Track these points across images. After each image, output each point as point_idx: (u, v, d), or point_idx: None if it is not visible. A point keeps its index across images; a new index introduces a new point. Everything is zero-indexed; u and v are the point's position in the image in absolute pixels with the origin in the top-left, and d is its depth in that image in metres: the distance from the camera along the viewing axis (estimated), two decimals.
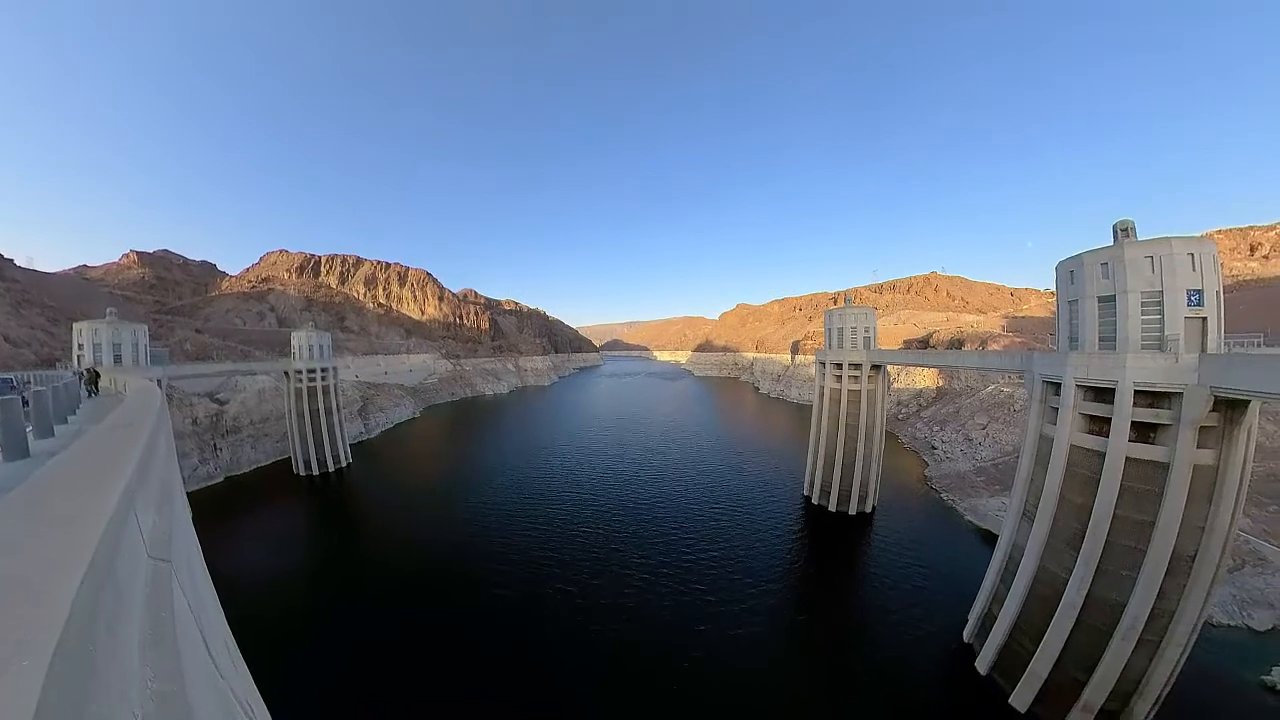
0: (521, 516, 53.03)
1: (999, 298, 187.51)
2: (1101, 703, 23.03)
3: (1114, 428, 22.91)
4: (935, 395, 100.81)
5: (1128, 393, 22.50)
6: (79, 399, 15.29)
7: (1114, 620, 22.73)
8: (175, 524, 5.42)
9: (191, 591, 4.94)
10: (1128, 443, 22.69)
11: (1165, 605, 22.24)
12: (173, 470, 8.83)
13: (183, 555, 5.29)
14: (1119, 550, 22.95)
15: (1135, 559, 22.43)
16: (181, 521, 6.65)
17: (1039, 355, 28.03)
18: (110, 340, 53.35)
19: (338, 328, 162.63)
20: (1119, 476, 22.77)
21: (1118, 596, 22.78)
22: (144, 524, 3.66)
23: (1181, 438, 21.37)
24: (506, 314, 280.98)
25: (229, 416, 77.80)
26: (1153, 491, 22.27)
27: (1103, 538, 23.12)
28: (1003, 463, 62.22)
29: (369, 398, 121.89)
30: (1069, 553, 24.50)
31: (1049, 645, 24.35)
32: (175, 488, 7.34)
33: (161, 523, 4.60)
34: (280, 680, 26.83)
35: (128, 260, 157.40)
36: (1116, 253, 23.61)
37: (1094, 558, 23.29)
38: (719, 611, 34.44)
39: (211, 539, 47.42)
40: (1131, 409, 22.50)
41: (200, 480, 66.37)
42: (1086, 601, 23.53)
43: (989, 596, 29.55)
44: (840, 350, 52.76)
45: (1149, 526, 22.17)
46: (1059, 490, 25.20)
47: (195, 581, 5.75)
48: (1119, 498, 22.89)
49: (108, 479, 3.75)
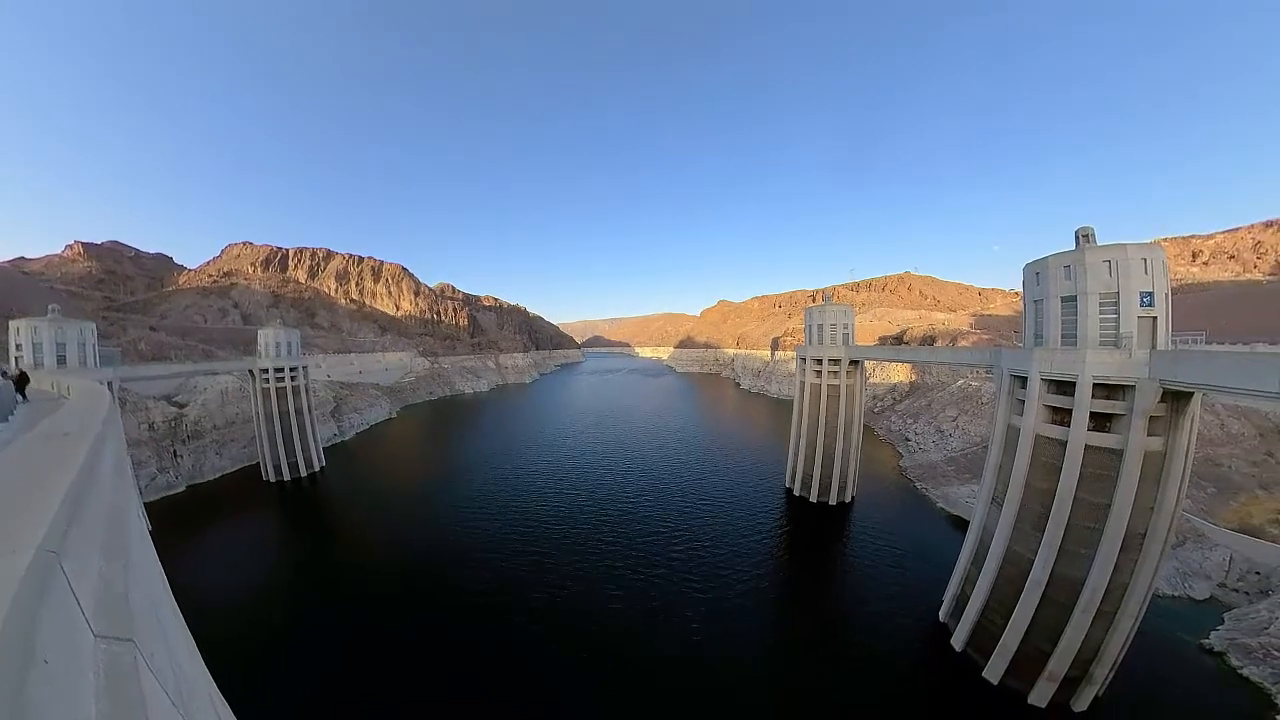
0: (505, 517, 52.58)
1: (968, 297, 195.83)
2: (1065, 670, 25.02)
3: (1074, 418, 24.78)
4: (909, 389, 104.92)
5: (1087, 386, 24.36)
6: (12, 405, 13.42)
7: (1075, 595, 24.70)
8: (133, 571, 4.09)
9: (167, 663, 3.72)
10: (1087, 431, 24.59)
11: (1119, 579, 24.30)
12: (126, 492, 7.31)
13: (148, 615, 3.96)
14: (1079, 530, 24.91)
15: (1093, 538, 24.40)
16: (143, 563, 5.08)
17: (1007, 351, 29.91)
18: (53, 339, 49.39)
19: (308, 324, 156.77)
20: (1079, 463, 24.68)
21: (1078, 573, 24.75)
22: (80, 588, 2.51)
23: (1134, 426, 23.35)
24: (486, 310, 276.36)
25: (189, 421, 73.90)
26: (1108, 476, 24.24)
27: (1064, 519, 25.03)
28: (971, 452, 65.58)
29: (342, 398, 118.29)
30: (1034, 535, 26.40)
31: (1017, 620, 26.24)
32: (130, 515, 5.72)
33: (113, 574, 3.39)
34: (256, 699, 26.13)
35: (72, 253, 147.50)
36: (1078, 257, 25.42)
37: (1056, 538, 25.20)
38: (707, 603, 35.35)
39: (173, 555, 45.12)
40: (1090, 400, 24.39)
41: (159, 490, 62.36)
42: (1050, 579, 25.46)
43: (962, 578, 31.47)
44: (820, 346, 54.54)
45: (1105, 508, 24.15)
46: (1025, 477, 27.06)
47: (171, 644, 4.37)
48: (1079, 482, 24.81)
49: (17, 524, 2.68)
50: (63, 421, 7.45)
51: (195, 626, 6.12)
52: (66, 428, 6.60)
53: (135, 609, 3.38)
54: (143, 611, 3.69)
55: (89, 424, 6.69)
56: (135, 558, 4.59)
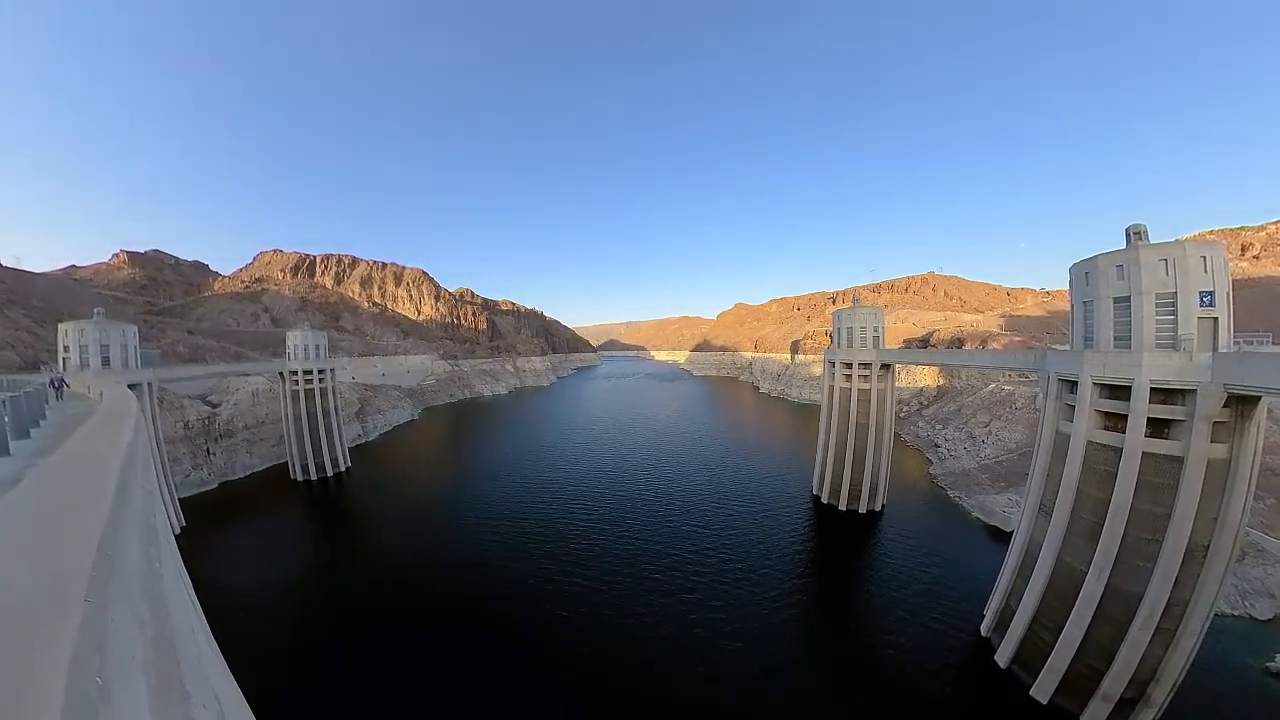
0: (527, 522, 52.41)
1: (995, 297, 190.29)
2: (1120, 692, 23.73)
3: (1130, 424, 23.60)
4: (936, 394, 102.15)
5: (1144, 390, 23.20)
6: (41, 410, 13.23)
7: (1131, 611, 23.44)
8: (178, 630, 3.79)
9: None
10: (1144, 438, 23.40)
11: (1180, 595, 22.98)
12: (153, 507, 6.80)
13: (195, 672, 3.70)
14: (1136, 542, 23.66)
15: (1152, 550, 23.15)
16: (179, 611, 4.69)
17: (1054, 354, 28.75)
18: (98, 341, 51.60)
19: (333, 328, 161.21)
20: (1136, 471, 23.47)
21: (1135, 587, 23.49)
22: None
23: (1196, 432, 22.11)
24: (504, 314, 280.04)
25: (222, 420, 76.35)
26: (1168, 485, 23.00)
27: (1120, 530, 23.82)
28: (1007, 460, 63.33)
29: (366, 400, 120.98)
30: (1087, 546, 25.18)
31: (1068, 637, 25.02)
32: (162, 555, 5.23)
33: (150, 638, 3.04)
34: (281, 695, 26.55)
35: (118, 260, 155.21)
36: (1131, 255, 24.31)
37: (1112, 550, 23.98)
38: (739, 613, 34.52)
39: (208, 549, 46.85)
40: (1148, 405, 23.22)
41: (193, 486, 64.62)
42: (1105, 593, 24.22)
43: (1006, 591, 30.22)
44: (850, 350, 53.44)
45: (1165, 519, 22.89)
46: (1076, 485, 25.87)
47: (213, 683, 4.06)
48: (1136, 491, 23.60)
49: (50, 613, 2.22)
50: (87, 441, 7.41)
51: (227, 619, 6.17)
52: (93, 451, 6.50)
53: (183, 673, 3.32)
54: (190, 667, 3.62)
55: (115, 444, 6.64)
56: (175, 611, 4.54)
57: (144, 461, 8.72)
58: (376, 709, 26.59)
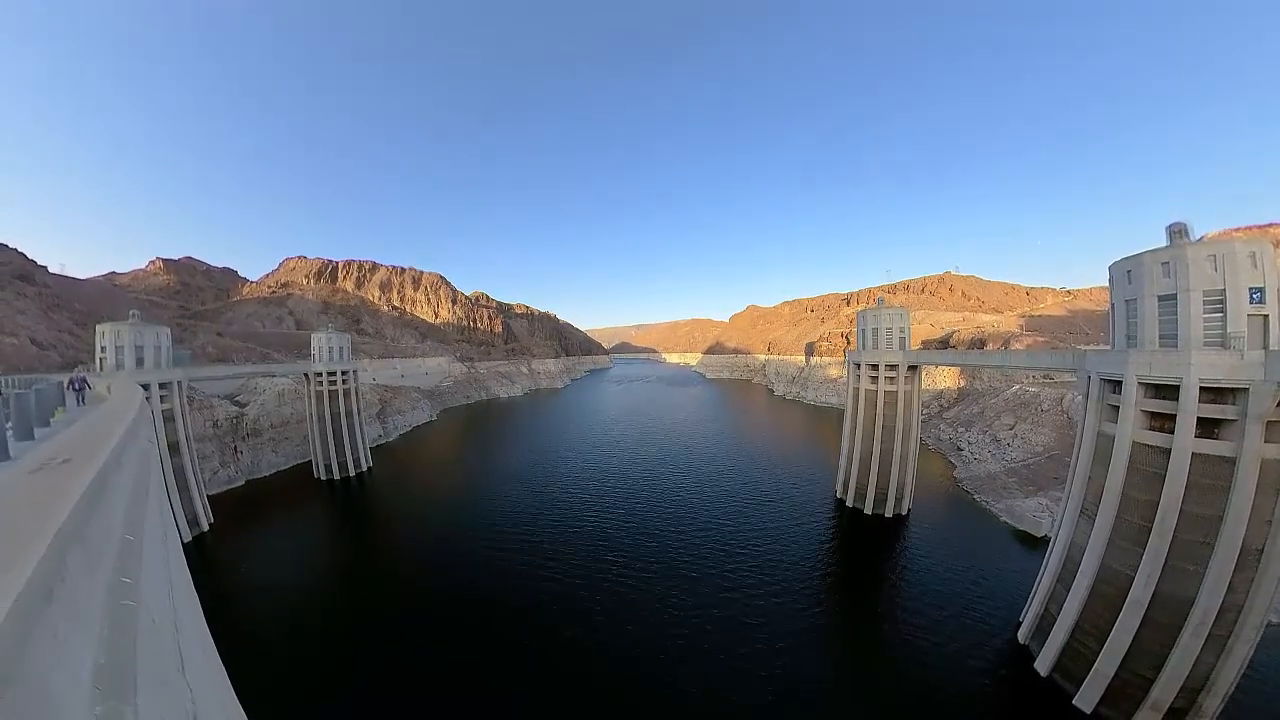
0: (547, 522, 52.45)
1: (1014, 297, 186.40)
2: (1170, 701, 23.07)
3: (1179, 424, 23.04)
4: (957, 396, 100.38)
5: (1193, 389, 22.65)
6: (50, 408, 12.39)
7: (1182, 616, 22.80)
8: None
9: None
10: (1194, 438, 22.83)
11: (1234, 600, 22.29)
12: (166, 522, 6.24)
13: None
14: (1186, 545, 23.04)
15: (1203, 554, 22.53)
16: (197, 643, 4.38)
17: (1094, 354, 28.20)
18: (132, 342, 53.47)
19: (354, 330, 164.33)
20: (1185, 472, 22.90)
21: (1185, 592, 22.86)
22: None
23: (1249, 432, 21.53)
24: (518, 317, 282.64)
25: (249, 419, 78.32)
26: (1219, 486, 22.39)
27: (1170, 533, 23.22)
28: (1035, 463, 61.92)
29: (386, 400, 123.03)
30: (1133, 550, 24.57)
31: (1115, 643, 24.40)
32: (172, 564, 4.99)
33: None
34: (301, 694, 27.05)
35: (154, 267, 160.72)
36: (1177, 253, 23.82)
37: (1161, 554, 23.38)
38: (766, 619, 34.00)
39: (237, 545, 48.27)
40: (1197, 405, 22.67)
41: (221, 484, 66.78)
42: (1153, 598, 23.60)
43: (1045, 596, 29.56)
44: (875, 351, 52.88)
45: (1216, 521, 22.28)
46: (1121, 488, 25.29)
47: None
48: (1185, 493, 23.01)
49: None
50: (73, 441, 6.84)
51: (252, 614, 5.96)
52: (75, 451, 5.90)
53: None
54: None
55: (101, 446, 5.91)
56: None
57: (141, 464, 8.42)
58: (399, 704, 26.88)
